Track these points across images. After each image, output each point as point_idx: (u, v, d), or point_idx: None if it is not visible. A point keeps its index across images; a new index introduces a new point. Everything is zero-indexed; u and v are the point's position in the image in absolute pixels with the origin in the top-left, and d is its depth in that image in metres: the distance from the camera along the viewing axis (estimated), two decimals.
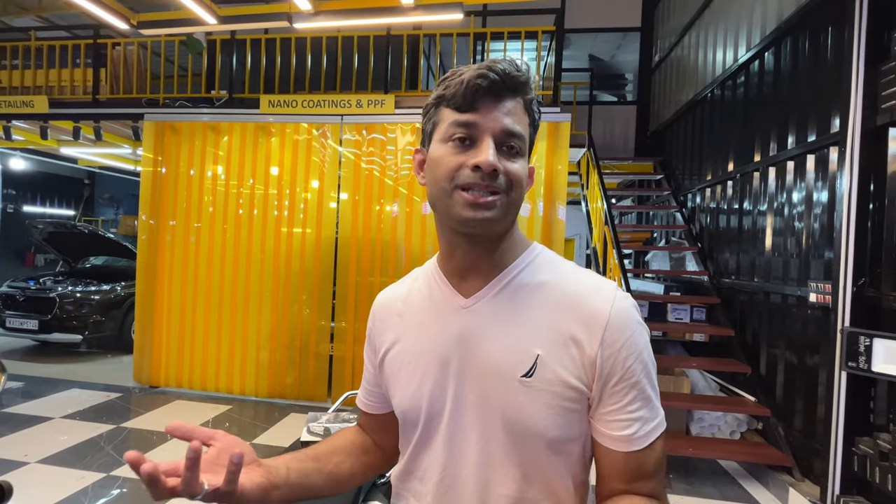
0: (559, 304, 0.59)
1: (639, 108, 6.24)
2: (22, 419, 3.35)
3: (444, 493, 0.61)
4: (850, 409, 2.26)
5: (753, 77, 3.61)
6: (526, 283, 0.61)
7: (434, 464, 0.63)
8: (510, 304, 0.60)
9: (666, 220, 5.41)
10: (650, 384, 0.59)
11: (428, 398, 0.62)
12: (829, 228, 2.63)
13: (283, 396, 3.99)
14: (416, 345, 0.65)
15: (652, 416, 0.59)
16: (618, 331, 0.57)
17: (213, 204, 4.12)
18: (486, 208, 0.56)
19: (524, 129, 0.59)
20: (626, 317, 0.58)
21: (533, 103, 0.61)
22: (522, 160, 0.59)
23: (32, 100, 4.49)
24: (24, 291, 4.95)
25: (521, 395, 0.57)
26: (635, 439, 0.57)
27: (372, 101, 3.91)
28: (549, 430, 0.57)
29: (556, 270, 0.63)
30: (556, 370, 0.57)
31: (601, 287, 0.61)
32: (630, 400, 0.57)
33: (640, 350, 0.58)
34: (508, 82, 0.57)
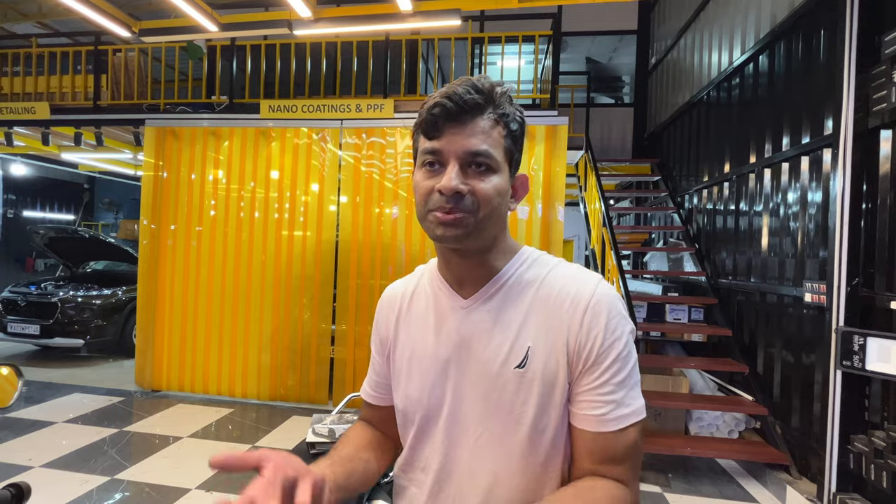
0: (547, 297, 0.64)
1: (636, 110, 6.28)
2: (25, 424, 3.37)
3: (443, 479, 0.66)
4: (845, 407, 2.29)
5: (748, 79, 3.65)
6: (517, 283, 0.66)
7: (435, 454, 0.67)
8: (504, 303, 0.65)
9: (664, 222, 5.44)
10: (626, 372, 0.61)
11: (428, 396, 0.66)
12: (823, 229, 2.67)
13: (284, 399, 4.01)
14: (420, 344, 0.69)
15: (626, 402, 0.60)
16: (596, 315, 0.61)
17: (215, 208, 4.15)
18: (453, 226, 0.59)
19: (493, 145, 0.60)
20: (606, 304, 0.62)
21: (506, 116, 0.62)
22: (494, 176, 0.60)
23: (34, 106, 4.52)
24: (25, 297, 4.97)
25: (516, 386, 0.62)
26: (605, 420, 0.59)
27: (371, 105, 3.95)
28: (536, 417, 0.61)
29: (543, 268, 0.67)
30: (545, 359, 0.61)
31: (585, 277, 0.65)
32: (603, 382, 0.60)
33: (616, 336, 0.61)
34: (466, 106, 0.59)
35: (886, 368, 2.05)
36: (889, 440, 2.05)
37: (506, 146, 0.62)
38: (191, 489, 2.58)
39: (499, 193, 0.61)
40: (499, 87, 0.62)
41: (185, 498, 2.49)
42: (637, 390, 0.62)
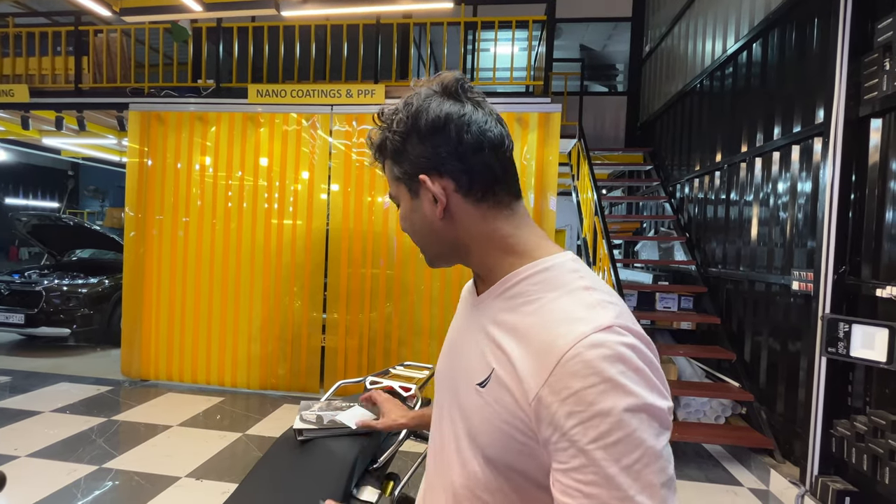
0: (529, 326, 0.53)
1: (629, 99, 6.26)
2: (10, 413, 3.32)
3: (436, 454, 0.67)
4: (829, 392, 2.34)
5: (741, 68, 3.64)
6: (516, 296, 0.57)
7: (434, 428, 0.70)
8: (497, 310, 0.59)
9: (655, 211, 5.47)
10: (615, 464, 0.43)
11: (439, 373, 0.71)
12: (812, 218, 2.69)
13: (275, 388, 4.00)
14: (451, 329, 0.73)
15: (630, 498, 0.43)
16: (566, 378, 0.46)
17: (202, 196, 4.07)
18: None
19: (390, 183, 0.64)
20: (585, 365, 0.45)
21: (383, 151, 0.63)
22: (401, 207, 0.64)
23: (12, 88, 4.37)
24: (8, 285, 4.87)
25: (474, 402, 0.56)
26: None
27: (362, 90, 3.88)
28: (488, 447, 0.54)
29: (555, 293, 0.54)
30: (502, 392, 0.52)
31: (580, 320, 0.49)
32: (576, 466, 0.45)
33: (591, 412, 0.44)
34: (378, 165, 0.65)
35: (870, 355, 2.09)
36: (870, 424, 2.09)
37: (392, 174, 0.63)
38: (181, 477, 2.56)
39: (403, 221, 0.64)
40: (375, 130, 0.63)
41: (174, 486, 2.48)
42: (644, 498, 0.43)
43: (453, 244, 0.61)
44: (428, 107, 0.58)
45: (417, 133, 0.58)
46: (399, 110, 0.60)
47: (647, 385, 0.46)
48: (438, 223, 0.60)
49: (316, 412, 1.10)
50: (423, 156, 0.58)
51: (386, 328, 3.90)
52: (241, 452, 2.89)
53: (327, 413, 1.11)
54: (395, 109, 0.60)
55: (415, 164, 0.59)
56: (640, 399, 0.45)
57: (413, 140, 0.59)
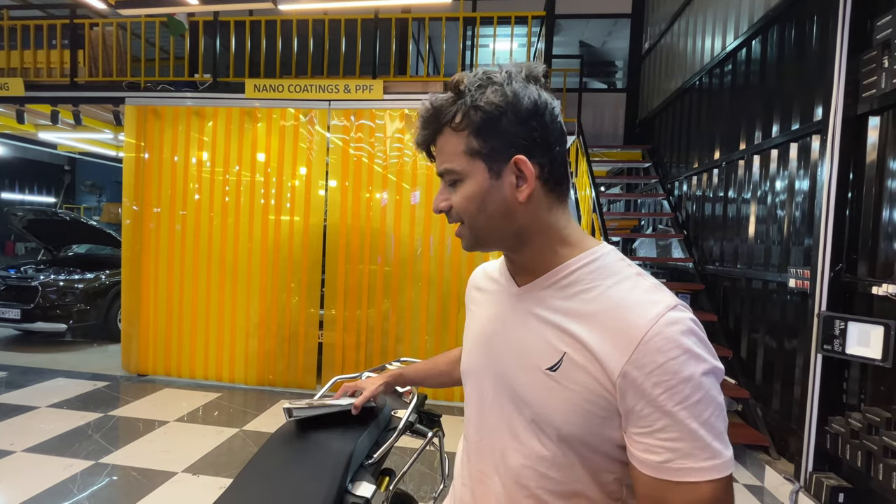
0: (596, 311, 0.57)
1: (628, 96, 6.25)
2: (7, 408, 3.31)
3: (481, 450, 0.69)
4: (824, 389, 2.35)
5: (740, 65, 3.63)
6: (571, 285, 0.60)
7: (471, 418, 0.72)
8: (550, 301, 0.61)
9: (653, 208, 5.47)
10: (696, 419, 0.51)
11: (476, 368, 0.71)
12: (809, 216, 2.69)
13: (272, 384, 4.00)
14: (480, 320, 0.73)
15: (696, 454, 0.51)
16: (650, 353, 0.52)
17: (199, 191, 4.06)
18: (460, 237, 0.66)
19: (451, 159, 0.60)
20: (668, 341, 0.52)
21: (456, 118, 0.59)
22: (463, 184, 0.61)
23: (7, 82, 4.33)
24: (4, 280, 4.85)
25: (545, 386, 0.59)
26: (664, 468, 0.52)
27: (360, 86, 3.86)
28: (566, 425, 0.57)
29: (610, 280, 0.59)
30: (580, 372, 0.56)
31: (649, 303, 0.55)
32: (660, 427, 0.52)
33: (679, 379, 0.51)
34: (424, 134, 0.63)
35: (865, 352, 2.09)
36: (865, 421, 2.11)
37: (467, 148, 0.59)
38: (177, 472, 2.57)
39: (471, 200, 0.60)
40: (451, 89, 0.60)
41: (171, 481, 2.48)
42: (718, 442, 0.52)
43: (518, 230, 0.61)
44: (526, 88, 0.58)
45: (516, 112, 0.58)
46: (486, 84, 0.58)
47: (710, 351, 0.54)
48: (517, 207, 0.60)
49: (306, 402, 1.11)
50: (521, 136, 0.58)
51: (383, 325, 3.90)
52: (239, 448, 2.89)
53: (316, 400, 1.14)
54: (481, 82, 0.58)
55: (509, 142, 0.58)
56: (710, 364, 0.53)
57: (510, 117, 0.58)
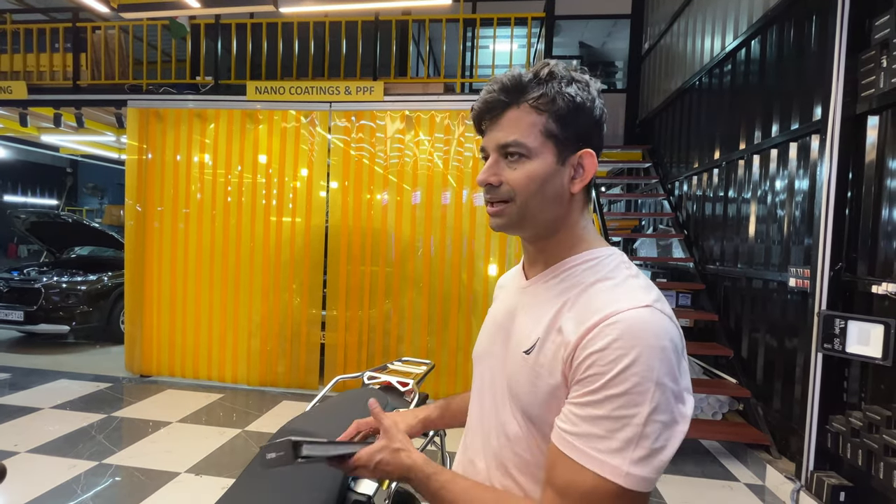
0: (576, 300, 0.60)
1: (628, 96, 6.26)
2: (11, 410, 3.33)
3: (471, 428, 0.75)
4: (825, 388, 2.35)
5: (740, 65, 3.64)
6: (567, 279, 0.64)
7: (473, 405, 0.76)
8: (545, 293, 0.66)
9: (654, 208, 5.47)
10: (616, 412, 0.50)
11: (480, 352, 0.76)
12: (809, 215, 2.70)
13: (274, 384, 4.02)
14: (494, 312, 0.77)
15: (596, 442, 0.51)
16: (601, 336, 0.53)
17: (202, 191, 4.08)
18: (496, 216, 0.65)
19: (524, 134, 0.61)
20: (629, 327, 0.52)
21: (541, 100, 0.61)
22: (529, 163, 0.61)
23: (11, 85, 4.36)
24: (7, 282, 4.87)
25: (520, 369, 0.64)
26: (561, 438, 0.54)
27: (361, 87, 3.88)
28: (530, 406, 0.62)
29: (601, 274, 0.62)
30: (547, 357, 0.60)
31: (626, 297, 0.56)
32: (580, 403, 0.53)
33: (621, 366, 0.50)
34: (490, 106, 0.63)
35: (865, 351, 2.10)
36: (866, 420, 2.11)
37: (544, 129, 0.61)
38: (180, 473, 2.58)
39: (533, 179, 0.61)
40: (533, 73, 0.62)
41: (174, 482, 2.49)
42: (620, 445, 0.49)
43: (555, 219, 0.64)
44: (599, 95, 0.63)
45: (591, 113, 0.62)
46: (572, 80, 0.62)
47: (677, 368, 0.53)
48: (566, 197, 0.63)
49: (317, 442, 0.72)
50: (591, 133, 0.63)
51: (385, 325, 3.91)
52: (241, 448, 2.91)
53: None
54: (568, 77, 0.62)
55: (581, 136, 0.62)
56: (653, 372, 0.51)
57: (587, 115, 0.62)
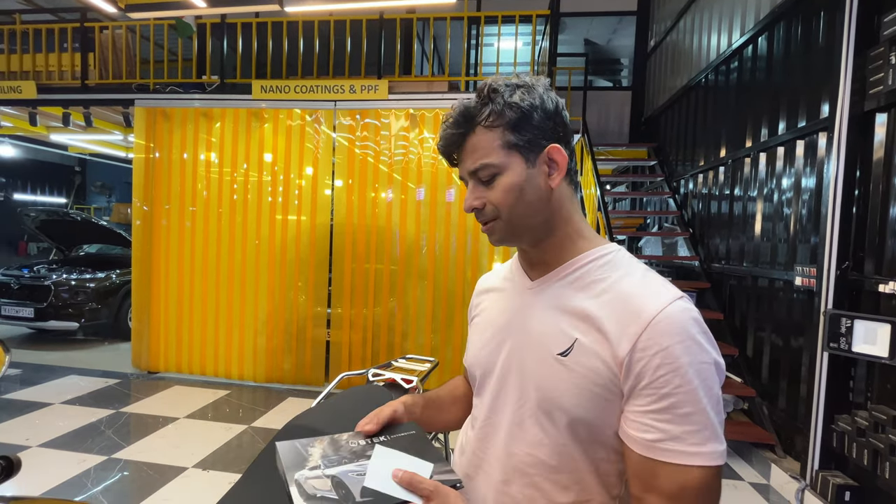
0: (607, 300, 0.61)
1: (634, 94, 6.22)
2: (21, 405, 3.39)
3: (482, 438, 0.71)
4: (830, 388, 2.34)
5: (747, 62, 3.61)
6: (584, 276, 0.65)
7: (481, 413, 0.73)
8: (564, 291, 0.66)
9: (659, 207, 5.45)
10: (691, 405, 0.54)
11: (485, 359, 0.73)
12: (816, 214, 2.68)
13: (280, 381, 4.05)
14: (489, 315, 0.76)
15: (686, 437, 0.53)
16: (657, 336, 0.55)
17: (208, 189, 4.11)
18: (489, 234, 0.67)
19: (486, 154, 0.63)
20: (673, 325, 0.55)
21: (492, 117, 0.63)
22: (502, 177, 0.64)
23: (20, 85, 4.41)
24: (18, 279, 4.94)
25: (555, 371, 0.62)
26: (653, 447, 0.55)
27: (365, 86, 3.89)
28: (575, 408, 0.60)
29: (621, 272, 0.64)
30: (589, 357, 0.59)
31: (657, 293, 0.59)
32: (657, 409, 0.55)
33: (679, 364, 0.54)
34: (451, 144, 0.66)
35: (872, 350, 2.09)
36: (871, 419, 2.10)
37: (503, 142, 0.63)
38: (188, 468, 2.61)
39: (510, 192, 0.63)
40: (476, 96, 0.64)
41: (182, 476, 2.53)
42: (709, 431, 0.54)
43: (547, 219, 0.66)
44: (547, 90, 0.66)
45: (544, 110, 0.65)
46: (514, 87, 0.64)
47: (713, 345, 0.57)
48: (549, 194, 0.65)
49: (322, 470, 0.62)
50: (550, 129, 0.65)
51: (389, 322, 3.93)
52: (247, 444, 2.94)
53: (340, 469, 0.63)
54: (510, 85, 0.64)
55: (541, 134, 0.64)
56: (712, 356, 0.56)
57: (540, 114, 0.64)
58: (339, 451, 0.65)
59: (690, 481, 0.53)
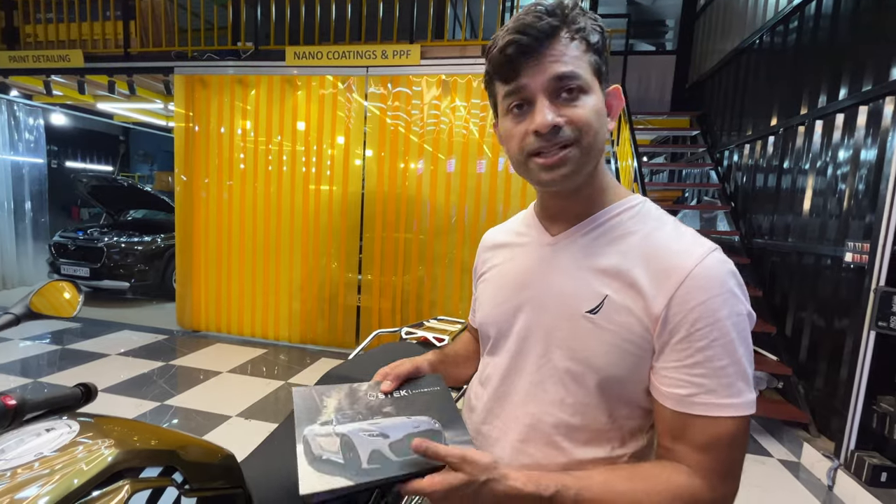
0: (639, 254, 0.58)
1: (678, 58, 5.86)
2: (83, 355, 3.70)
3: (498, 398, 0.69)
4: (874, 368, 2.25)
5: (808, 21, 3.32)
6: (612, 230, 0.62)
7: (496, 373, 0.70)
8: (590, 247, 0.62)
9: (699, 179, 5.21)
10: (728, 359, 0.53)
11: (501, 316, 0.69)
12: (874, 188, 2.50)
13: (314, 342, 4.24)
14: (503, 271, 0.72)
15: (720, 389, 0.53)
16: (694, 290, 0.54)
17: (244, 162, 4.22)
18: (559, 166, 0.58)
19: (578, 64, 0.56)
20: (711, 279, 0.54)
21: (583, 30, 0.57)
22: (587, 96, 0.57)
23: (68, 54, 4.59)
24: (74, 241, 5.30)
25: (584, 330, 0.59)
26: (686, 401, 0.54)
27: (397, 51, 3.83)
28: (607, 366, 0.58)
29: (652, 224, 0.61)
30: (621, 313, 0.57)
31: (692, 245, 0.57)
32: (692, 363, 0.54)
33: (718, 317, 0.53)
34: (541, 34, 0.55)
35: None
36: None
37: (590, 61, 0.57)
38: (231, 416, 2.82)
39: (597, 115, 0.57)
40: (567, 5, 0.57)
41: (226, 423, 2.73)
42: (742, 382, 0.54)
43: (598, 163, 0.62)
44: None
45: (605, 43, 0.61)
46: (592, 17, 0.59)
47: (746, 296, 0.57)
48: (605, 133, 0.60)
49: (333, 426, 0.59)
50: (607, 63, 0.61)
51: (418, 290, 4.00)
52: (284, 398, 3.13)
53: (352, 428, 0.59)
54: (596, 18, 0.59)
55: (607, 67, 0.61)
56: (747, 307, 0.56)
57: (605, 46, 0.60)
58: (355, 405, 0.62)
59: (723, 432, 0.53)
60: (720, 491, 0.54)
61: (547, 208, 0.69)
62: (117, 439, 0.60)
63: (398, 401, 0.64)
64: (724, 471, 0.54)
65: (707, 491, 0.54)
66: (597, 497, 0.53)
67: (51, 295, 0.87)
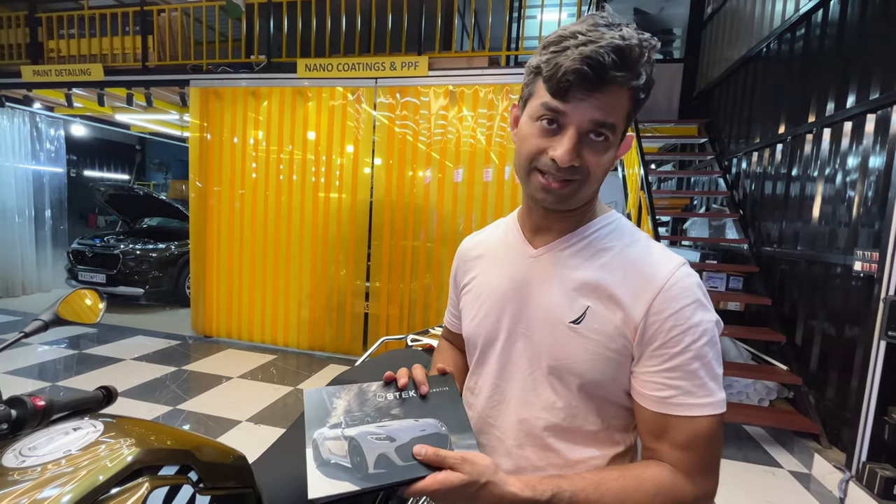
0: (617, 268, 0.63)
1: (686, 67, 5.87)
2: (99, 360, 3.79)
3: (493, 406, 0.72)
4: (885, 378, 2.22)
5: (815, 29, 3.32)
6: (591, 245, 0.66)
7: (486, 382, 0.73)
8: (572, 260, 0.66)
9: (707, 187, 5.19)
10: (700, 363, 0.58)
11: (487, 328, 0.72)
12: (883, 195, 2.48)
13: (322, 349, 4.29)
14: (486, 283, 0.74)
15: (695, 391, 0.58)
16: (668, 301, 0.58)
17: (256, 171, 4.32)
18: (556, 192, 0.61)
19: (619, 115, 0.57)
20: (682, 290, 0.59)
21: (639, 86, 0.56)
22: (609, 150, 0.59)
23: (89, 68, 4.76)
24: (91, 248, 5.44)
25: (568, 339, 0.63)
26: (665, 403, 0.58)
27: (405, 63, 3.91)
28: (587, 372, 0.62)
29: (626, 239, 0.66)
30: (602, 323, 0.61)
31: (665, 259, 0.62)
32: (669, 368, 0.58)
33: (689, 325, 0.58)
34: (603, 77, 0.54)
35: None
36: None
37: (629, 112, 0.58)
38: (241, 421, 2.87)
39: (606, 169, 0.60)
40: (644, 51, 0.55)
41: (236, 428, 2.78)
42: (714, 383, 0.58)
43: (592, 194, 0.64)
44: None
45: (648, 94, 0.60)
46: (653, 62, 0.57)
47: (712, 306, 0.62)
48: (604, 174, 0.62)
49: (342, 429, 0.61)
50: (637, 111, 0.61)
51: (425, 298, 4.04)
52: (293, 403, 3.17)
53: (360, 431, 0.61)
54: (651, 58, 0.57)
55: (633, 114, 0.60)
56: (714, 315, 0.61)
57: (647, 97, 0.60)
58: (364, 406, 0.63)
59: (701, 430, 0.58)
60: (702, 485, 0.59)
61: (533, 220, 0.70)
62: (137, 439, 0.64)
63: (406, 402, 0.65)
64: (705, 466, 0.59)
65: (690, 485, 0.58)
66: (591, 497, 0.56)
67: (76, 303, 0.92)
